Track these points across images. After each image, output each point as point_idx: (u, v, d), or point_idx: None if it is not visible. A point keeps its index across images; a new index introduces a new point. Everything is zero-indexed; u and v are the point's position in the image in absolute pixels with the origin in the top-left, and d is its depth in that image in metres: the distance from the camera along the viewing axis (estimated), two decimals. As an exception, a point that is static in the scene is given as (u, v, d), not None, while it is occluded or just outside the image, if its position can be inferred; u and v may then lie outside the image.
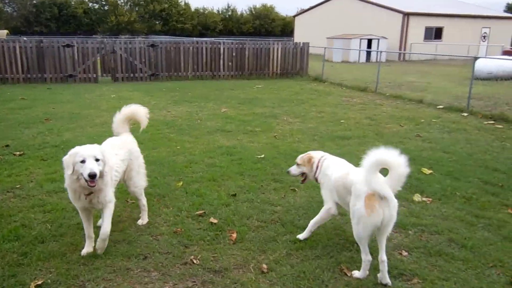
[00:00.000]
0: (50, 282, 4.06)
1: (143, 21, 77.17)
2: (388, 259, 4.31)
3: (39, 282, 4.01)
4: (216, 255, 4.59)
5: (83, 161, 4.12)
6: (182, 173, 7.19)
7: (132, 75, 20.41)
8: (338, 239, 4.94)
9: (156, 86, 18.53)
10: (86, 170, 4.08)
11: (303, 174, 5.16)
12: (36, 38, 20.65)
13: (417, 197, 6.25)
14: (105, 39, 23.36)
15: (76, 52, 19.40)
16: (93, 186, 4.20)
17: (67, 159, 4.18)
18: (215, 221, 5.38)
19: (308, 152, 5.20)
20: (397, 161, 3.91)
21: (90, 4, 76.86)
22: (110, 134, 5.53)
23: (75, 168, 4.14)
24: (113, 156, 4.70)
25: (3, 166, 7.41)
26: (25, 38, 20.87)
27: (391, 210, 4.00)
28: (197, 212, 5.63)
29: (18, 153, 8.16)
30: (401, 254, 4.67)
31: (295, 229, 5.20)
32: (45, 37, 24.56)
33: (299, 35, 50.75)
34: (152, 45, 20.77)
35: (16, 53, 18.53)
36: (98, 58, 20.05)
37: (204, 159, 8.02)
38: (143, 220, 5.36)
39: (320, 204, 4.98)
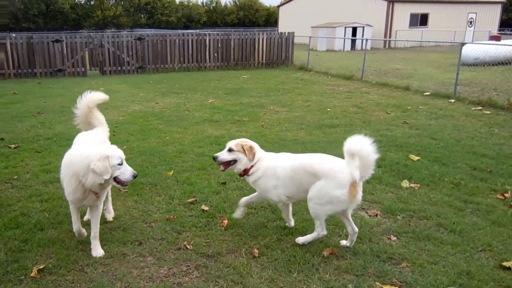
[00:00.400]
0: (51, 266, 4.17)
1: (128, 15, 76.86)
2: (376, 243, 4.48)
3: (41, 267, 4.12)
4: (208, 240, 4.69)
5: (120, 164, 4.11)
6: (172, 163, 7.27)
7: (119, 68, 20.49)
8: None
9: (144, 79, 18.57)
10: (128, 172, 4.15)
11: (230, 161, 4.65)
12: (26, 34, 20.59)
13: (405, 183, 6.29)
14: (91, 33, 23.25)
15: (65, 47, 19.49)
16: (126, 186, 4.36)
17: (104, 164, 3.99)
18: (206, 208, 5.48)
19: (244, 139, 4.71)
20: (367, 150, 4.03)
21: (77, -1, 76.44)
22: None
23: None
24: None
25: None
26: (14, 35, 20.83)
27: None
28: (188, 200, 5.72)
29: (13, 145, 8.28)
30: (389, 238, 4.72)
31: (284, 215, 5.29)
32: (34, 33, 24.40)
33: (284, 25, 50.63)
34: (139, 38, 20.77)
35: (6, 49, 18.52)
36: (86, 52, 20.12)
37: (193, 148, 8.10)
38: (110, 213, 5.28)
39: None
